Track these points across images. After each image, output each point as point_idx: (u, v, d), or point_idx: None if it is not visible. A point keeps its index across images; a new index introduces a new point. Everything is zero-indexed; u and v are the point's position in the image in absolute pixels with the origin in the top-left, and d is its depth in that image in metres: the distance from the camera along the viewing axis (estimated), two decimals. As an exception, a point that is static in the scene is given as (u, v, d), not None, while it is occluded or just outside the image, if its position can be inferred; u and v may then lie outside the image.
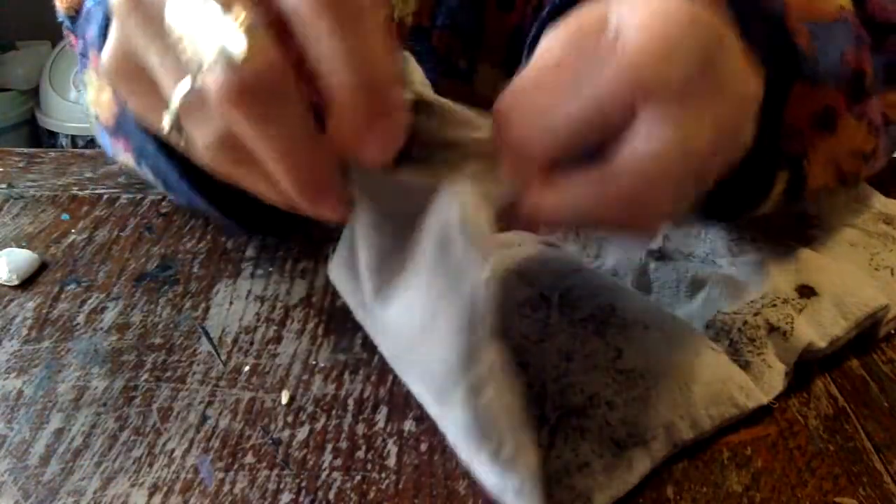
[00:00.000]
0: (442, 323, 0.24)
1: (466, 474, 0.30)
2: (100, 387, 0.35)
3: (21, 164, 0.55)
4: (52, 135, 1.84)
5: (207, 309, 0.41)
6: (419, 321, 0.26)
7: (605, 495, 0.29)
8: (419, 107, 0.28)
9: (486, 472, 0.26)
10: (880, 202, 0.45)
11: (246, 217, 0.41)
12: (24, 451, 0.32)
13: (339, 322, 0.39)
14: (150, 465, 0.31)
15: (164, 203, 0.50)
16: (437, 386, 0.26)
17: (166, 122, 0.25)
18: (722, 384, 0.32)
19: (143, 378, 0.36)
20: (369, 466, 0.31)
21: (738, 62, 0.26)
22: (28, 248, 0.45)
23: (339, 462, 0.32)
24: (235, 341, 0.38)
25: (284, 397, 0.35)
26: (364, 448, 0.32)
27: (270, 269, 0.44)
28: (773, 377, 0.34)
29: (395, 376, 0.35)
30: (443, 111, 0.28)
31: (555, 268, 0.38)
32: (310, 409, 0.34)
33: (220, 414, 0.34)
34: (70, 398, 0.35)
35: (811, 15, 0.34)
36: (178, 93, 0.24)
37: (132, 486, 0.31)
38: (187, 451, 0.32)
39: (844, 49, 0.35)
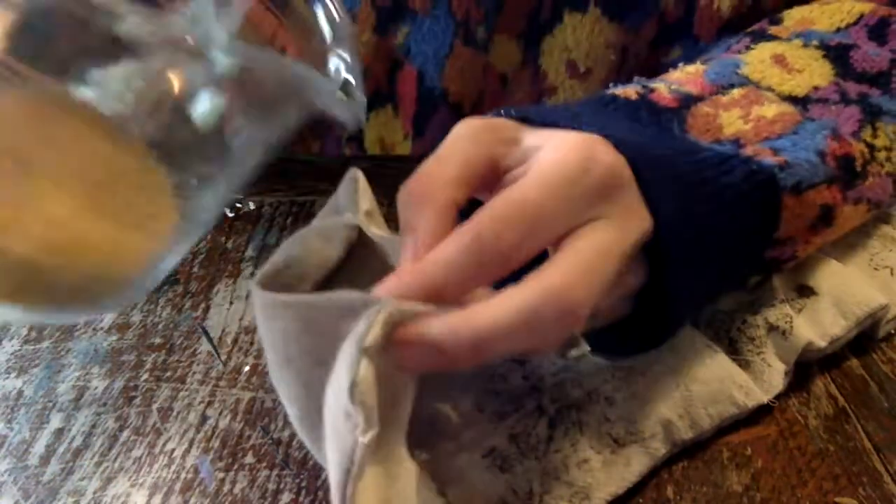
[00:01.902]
0: (331, 467, 0.24)
1: (466, 474, 0.30)
2: (100, 387, 0.35)
3: (21, 165, 0.55)
4: (53, 135, 1.84)
5: (207, 309, 0.41)
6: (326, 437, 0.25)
7: (603, 492, 0.29)
8: (361, 237, 0.29)
9: None
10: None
11: None
12: (24, 451, 0.32)
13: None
14: (150, 465, 0.31)
15: (164, 203, 0.50)
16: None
17: None
18: (721, 383, 0.32)
19: (143, 378, 0.36)
20: (369, 466, 0.31)
21: (634, 198, 0.28)
22: (28, 249, 0.45)
23: (338, 462, 0.32)
24: (235, 341, 0.38)
25: (284, 397, 0.35)
26: (364, 448, 0.32)
27: (270, 269, 0.44)
28: (773, 376, 0.34)
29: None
30: (382, 244, 0.28)
31: None
32: (310, 408, 0.34)
33: (220, 414, 0.34)
34: (70, 398, 0.35)
35: (769, 135, 0.34)
36: None
37: (132, 486, 0.31)
38: (187, 451, 0.32)
39: (821, 144, 0.34)
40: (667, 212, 0.28)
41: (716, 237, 0.31)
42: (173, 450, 0.32)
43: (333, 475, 0.23)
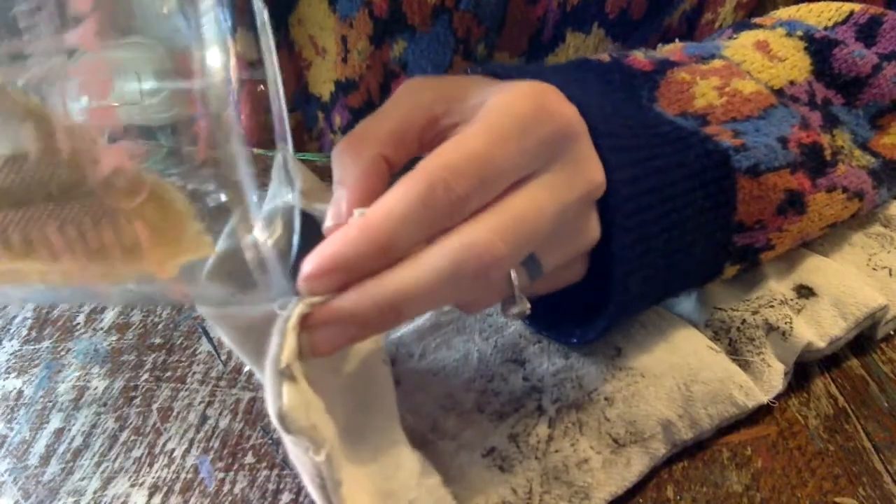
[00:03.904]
0: (308, 487, 0.23)
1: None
2: (100, 387, 0.35)
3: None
4: (53, 136, 1.84)
5: (207, 309, 0.41)
6: None
7: (603, 492, 0.29)
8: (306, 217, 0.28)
9: None
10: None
11: None
12: (24, 451, 0.32)
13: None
14: (150, 465, 0.31)
15: (164, 204, 0.50)
16: None
17: None
18: (721, 383, 0.32)
19: (143, 378, 0.36)
20: (369, 466, 0.31)
21: (587, 151, 0.27)
22: (28, 249, 0.45)
23: (338, 462, 0.32)
24: (235, 341, 0.38)
25: (284, 397, 0.35)
26: (364, 448, 0.32)
27: (270, 269, 0.44)
28: (773, 376, 0.34)
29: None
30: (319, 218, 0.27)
31: None
32: (310, 409, 0.34)
33: (220, 414, 0.34)
34: (70, 398, 0.35)
35: (737, 115, 0.34)
36: None
37: (132, 486, 0.31)
38: (187, 451, 0.32)
39: (786, 131, 0.34)
40: (615, 164, 0.28)
41: (666, 209, 0.30)
42: (173, 450, 0.32)
43: (313, 493, 0.23)
